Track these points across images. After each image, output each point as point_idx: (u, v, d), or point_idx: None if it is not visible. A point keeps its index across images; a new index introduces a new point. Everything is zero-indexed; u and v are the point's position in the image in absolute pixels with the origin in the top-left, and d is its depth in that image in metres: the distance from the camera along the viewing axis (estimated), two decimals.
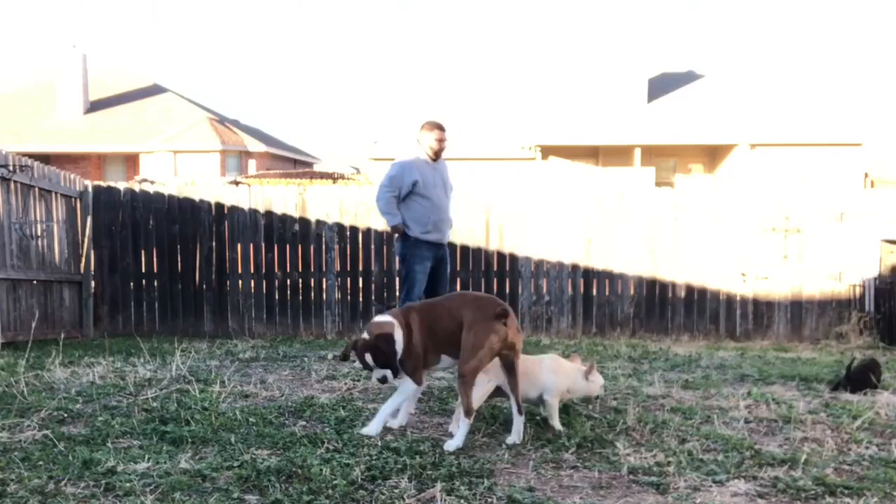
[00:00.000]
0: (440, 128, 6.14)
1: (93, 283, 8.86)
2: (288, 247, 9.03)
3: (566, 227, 9.09)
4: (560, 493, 2.96)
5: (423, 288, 6.08)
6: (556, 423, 3.84)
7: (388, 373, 3.64)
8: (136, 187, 9.24)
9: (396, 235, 6.08)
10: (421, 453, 3.36)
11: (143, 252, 9.02)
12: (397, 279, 9.05)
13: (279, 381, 5.12)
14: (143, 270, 9.03)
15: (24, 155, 7.84)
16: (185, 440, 3.49)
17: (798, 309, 9.11)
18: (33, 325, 7.12)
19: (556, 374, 3.89)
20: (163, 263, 9.02)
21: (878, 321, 8.86)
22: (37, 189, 7.76)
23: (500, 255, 9.11)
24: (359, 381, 5.13)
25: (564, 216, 9.11)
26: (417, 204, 5.95)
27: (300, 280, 9.03)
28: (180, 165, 25.19)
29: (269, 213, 9.03)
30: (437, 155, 6.11)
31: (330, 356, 6.40)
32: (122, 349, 6.88)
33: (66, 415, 4.00)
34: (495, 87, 23.48)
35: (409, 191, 5.93)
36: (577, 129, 21.49)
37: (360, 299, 9.06)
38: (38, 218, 7.81)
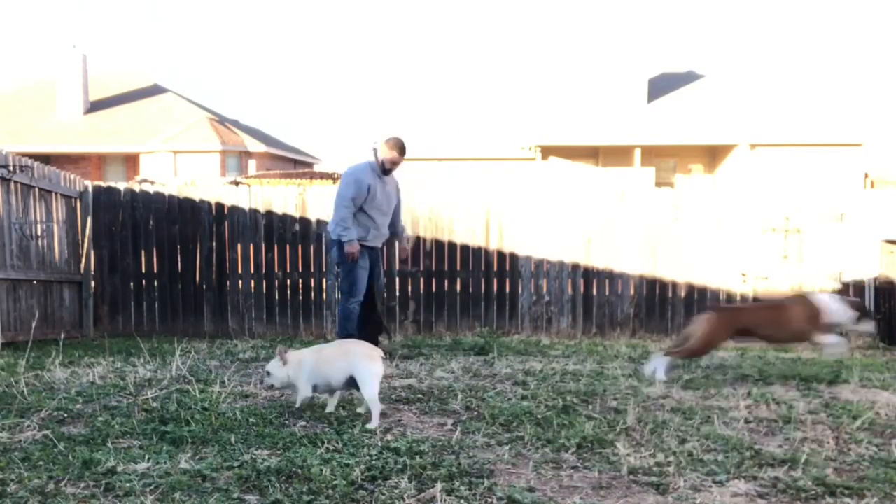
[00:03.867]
0: (401, 152, 6.34)
1: (93, 284, 8.86)
2: (288, 247, 9.03)
3: (566, 227, 9.09)
4: (560, 493, 2.96)
5: (365, 286, 6.44)
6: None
7: None
8: (136, 187, 9.24)
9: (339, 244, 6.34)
10: (421, 453, 3.35)
11: (143, 252, 9.02)
12: (397, 279, 9.09)
13: None
14: (143, 270, 9.03)
15: (24, 155, 7.84)
16: (185, 440, 3.49)
17: None
18: (33, 325, 7.12)
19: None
20: (163, 263, 9.02)
21: (879, 321, 8.86)
22: (37, 189, 7.76)
23: (501, 255, 9.11)
24: None
25: (564, 216, 9.11)
26: (363, 214, 6.32)
27: (300, 280, 9.03)
28: (180, 165, 25.20)
29: (269, 213, 9.02)
30: (385, 172, 6.35)
31: None
32: (122, 349, 6.88)
33: (66, 415, 4.00)
34: (495, 87, 23.49)
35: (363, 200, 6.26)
36: (577, 129, 21.50)
37: None
38: (38, 218, 7.81)
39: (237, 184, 12.88)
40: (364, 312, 6.45)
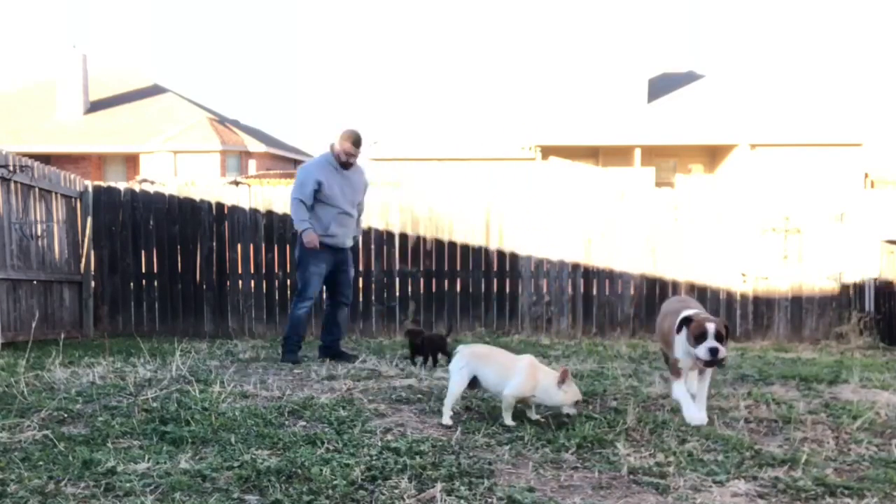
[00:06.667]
0: (355, 143, 6.21)
1: (93, 283, 8.86)
2: (288, 247, 9.03)
3: (566, 226, 9.09)
4: (560, 493, 2.96)
5: (318, 289, 6.41)
6: (507, 418, 3.89)
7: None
8: (137, 187, 9.24)
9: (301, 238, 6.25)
10: (421, 453, 3.35)
11: (143, 252, 9.03)
12: (397, 279, 9.09)
13: (279, 381, 5.12)
14: (143, 270, 9.03)
15: (25, 155, 7.84)
16: (185, 440, 3.48)
17: (798, 309, 9.11)
18: (33, 325, 7.12)
19: (523, 375, 3.84)
20: (163, 263, 9.02)
21: (879, 321, 8.86)
22: (37, 189, 7.76)
23: (501, 255, 9.11)
24: (359, 381, 5.13)
25: (564, 216, 9.11)
26: (320, 208, 6.16)
27: None
28: (180, 165, 25.20)
29: (269, 213, 9.03)
30: (343, 165, 6.23)
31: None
32: (122, 349, 6.88)
33: (66, 415, 3.99)
34: (495, 87, 23.47)
35: (314, 194, 6.12)
36: (577, 129, 21.49)
37: (360, 299, 9.06)
38: (38, 218, 7.81)
39: (237, 184, 12.89)
40: (330, 312, 6.50)
